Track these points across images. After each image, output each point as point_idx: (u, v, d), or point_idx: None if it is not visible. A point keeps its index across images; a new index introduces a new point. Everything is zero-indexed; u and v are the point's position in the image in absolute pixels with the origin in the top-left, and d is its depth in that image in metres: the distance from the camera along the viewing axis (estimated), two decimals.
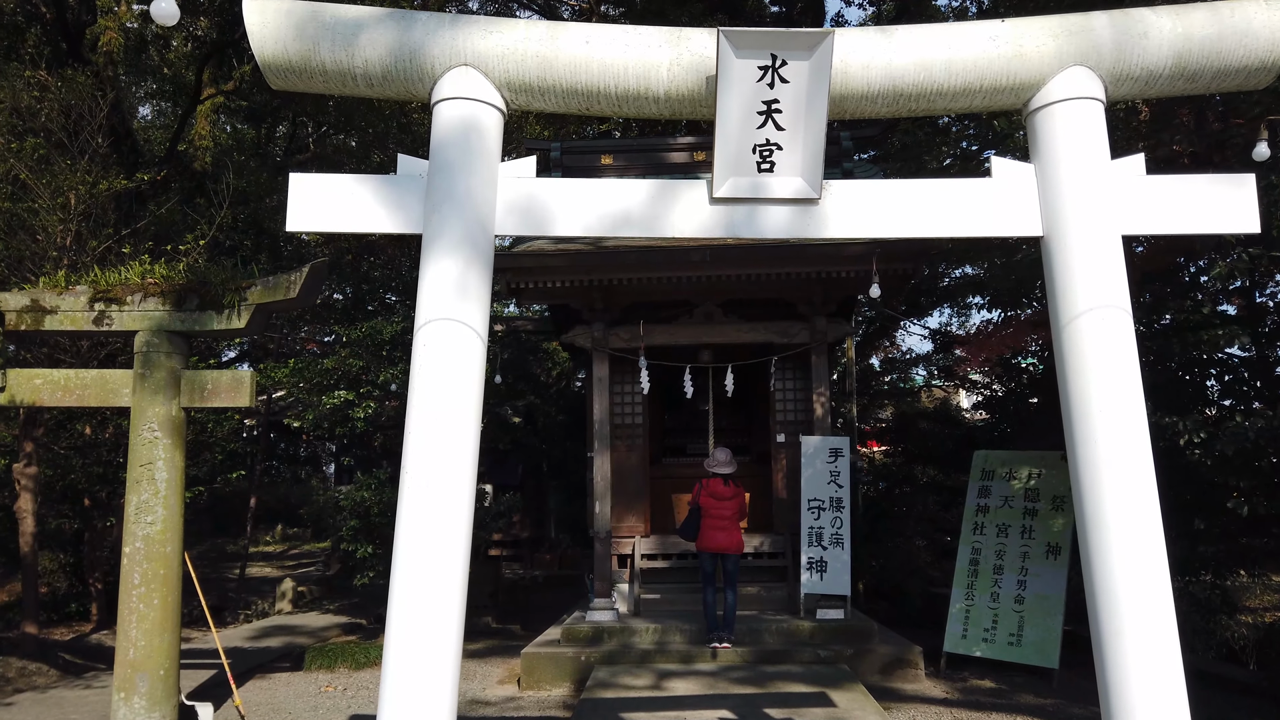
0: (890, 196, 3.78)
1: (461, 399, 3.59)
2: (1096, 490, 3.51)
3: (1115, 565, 3.47)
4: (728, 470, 8.44)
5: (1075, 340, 3.58)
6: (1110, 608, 3.46)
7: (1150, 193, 3.68)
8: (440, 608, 3.46)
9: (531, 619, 11.79)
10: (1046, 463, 8.65)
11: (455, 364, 3.59)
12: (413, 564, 3.44)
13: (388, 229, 3.78)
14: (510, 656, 9.43)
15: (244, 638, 11.23)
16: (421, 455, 3.53)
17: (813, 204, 3.76)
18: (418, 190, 3.77)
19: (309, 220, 3.78)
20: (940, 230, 3.77)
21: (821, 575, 8.81)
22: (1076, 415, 3.57)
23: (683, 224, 3.78)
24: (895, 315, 16.33)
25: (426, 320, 3.60)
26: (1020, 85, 3.70)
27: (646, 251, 8.73)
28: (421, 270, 3.67)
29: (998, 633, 8.44)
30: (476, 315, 3.65)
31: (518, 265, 8.71)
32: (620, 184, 3.83)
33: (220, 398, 6.85)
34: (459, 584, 3.54)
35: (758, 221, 3.77)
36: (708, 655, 8.17)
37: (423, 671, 3.38)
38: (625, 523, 9.83)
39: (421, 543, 3.47)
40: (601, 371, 9.31)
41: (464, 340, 3.60)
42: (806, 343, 9.25)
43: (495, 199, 3.78)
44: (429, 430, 3.55)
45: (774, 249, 8.73)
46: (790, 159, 3.72)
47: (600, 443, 9.26)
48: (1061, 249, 3.64)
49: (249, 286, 6.95)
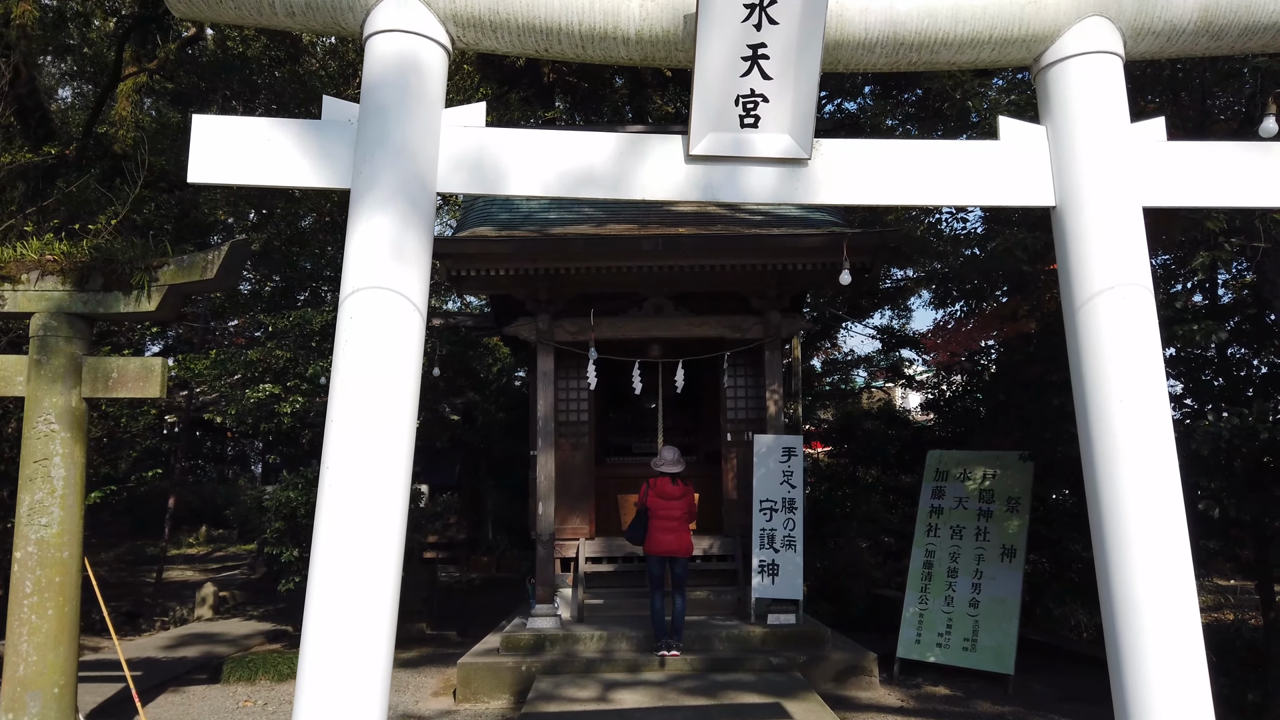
0: (887, 159, 3.31)
1: (395, 382, 3.01)
2: (1114, 490, 3.09)
3: (1136, 572, 3.06)
4: (675, 469, 7.94)
5: (1091, 322, 3.15)
6: (1130, 618, 3.05)
7: (1173, 160, 3.27)
8: (367, 625, 2.88)
9: (468, 624, 11.13)
10: (1001, 463, 8.34)
11: (388, 340, 3.00)
12: (334, 576, 2.86)
13: (310, 182, 3.18)
14: (446, 665, 8.78)
15: (159, 647, 10.35)
16: (346, 448, 2.94)
17: (801, 165, 3.27)
18: (346, 138, 3.17)
19: (215, 171, 3.16)
20: (943, 197, 3.31)
21: (773, 579, 8.37)
22: (1092, 405, 3.14)
23: (654, 184, 3.25)
24: (839, 316, 16.07)
25: (354, 289, 3.02)
26: (1033, 36, 3.26)
27: (595, 239, 8.20)
28: (349, 232, 3.08)
29: (952, 637, 8.09)
30: (414, 284, 3.07)
31: (459, 251, 8.08)
32: (584, 137, 3.28)
33: (127, 388, 6.13)
34: (389, 597, 2.97)
35: (740, 183, 3.26)
36: (656, 664, 7.65)
37: (343, 700, 2.79)
38: (569, 524, 9.25)
39: (345, 551, 2.88)
40: (546, 365, 8.72)
41: (398, 313, 3.02)
42: (760, 338, 8.80)
43: (438, 151, 3.21)
44: (355, 417, 2.96)
45: (728, 240, 8.28)
46: (777, 113, 3.22)
47: (544, 440, 8.68)
48: (1076, 221, 3.21)
49: (161, 266, 6.23)
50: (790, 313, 9.06)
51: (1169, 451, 3.07)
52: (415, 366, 3.09)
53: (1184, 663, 3.00)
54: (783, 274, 8.43)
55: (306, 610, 2.92)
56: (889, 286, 17.29)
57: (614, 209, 9.27)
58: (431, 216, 3.18)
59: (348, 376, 2.99)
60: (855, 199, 3.27)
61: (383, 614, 2.95)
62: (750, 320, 8.85)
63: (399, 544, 3.00)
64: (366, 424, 2.95)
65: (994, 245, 5.53)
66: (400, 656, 9.63)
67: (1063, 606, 10.24)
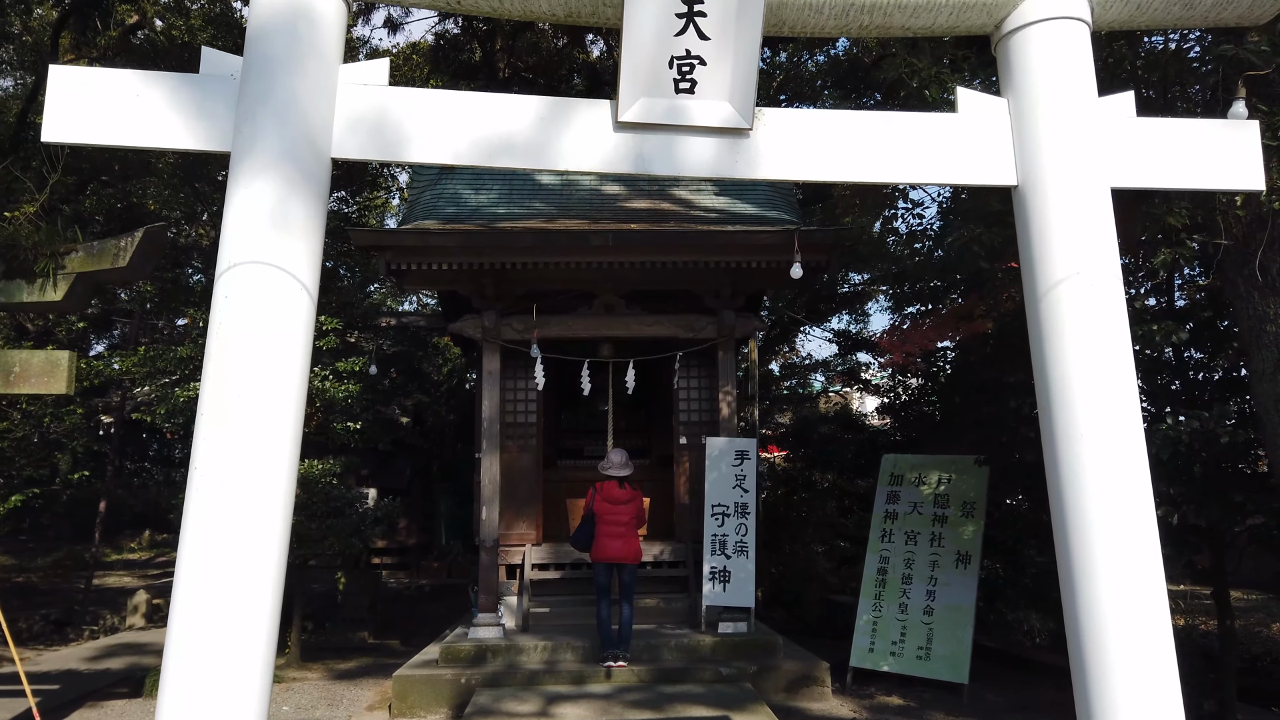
0: (836, 131, 2.97)
1: (278, 372, 2.61)
2: (1079, 496, 2.78)
3: (1102, 580, 2.75)
4: (624, 473, 7.57)
5: (1054, 312, 2.85)
6: (1095, 630, 2.77)
7: (1142, 138, 2.98)
8: (238, 656, 2.47)
9: (414, 633, 10.66)
10: (957, 467, 8.08)
11: (270, 323, 2.61)
12: (199, 604, 2.46)
13: (186, 144, 2.77)
14: (385, 677, 8.30)
15: (83, 658, 9.76)
16: (218, 449, 2.54)
17: (743, 136, 2.92)
18: (227, 94, 2.77)
19: (75, 129, 2.74)
20: (896, 174, 2.98)
21: (724, 586, 8.02)
22: (1056, 403, 2.83)
23: (580, 154, 2.88)
24: (798, 320, 15.83)
25: (231, 264, 2.62)
26: (993, 0, 2.95)
27: (544, 234, 7.81)
28: (227, 201, 2.68)
29: (906, 646, 7.81)
30: (303, 260, 2.67)
31: (398, 244, 7.66)
32: (501, 100, 2.91)
33: (30, 384, 5.64)
34: (266, 622, 2.56)
35: (675, 155, 2.91)
36: (602, 675, 7.26)
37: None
38: (515, 530, 8.84)
39: (213, 570, 2.49)
40: (492, 365, 8.31)
41: (283, 292, 2.63)
42: (713, 338, 8.46)
43: (333, 112, 2.82)
44: (230, 413, 2.56)
45: (681, 236, 7.94)
46: (716, 78, 2.87)
47: (489, 442, 8.26)
48: (1039, 202, 2.90)
49: (69, 252, 5.75)
50: (745, 313, 8.73)
51: (1139, 452, 2.77)
52: (303, 354, 2.70)
53: (1156, 682, 2.70)
54: (737, 272, 8.11)
55: (166, 641, 2.50)
56: (847, 291, 17.12)
57: (565, 205, 8.90)
58: (324, 185, 2.79)
59: (222, 365, 2.58)
60: (800, 174, 2.93)
61: (257, 644, 2.53)
62: (704, 320, 8.52)
63: (279, 559, 2.60)
64: (243, 421, 2.55)
65: (951, 240, 5.25)
66: (337, 667, 9.16)
67: (1016, 612, 10.03)
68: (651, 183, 9.44)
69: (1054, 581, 8.18)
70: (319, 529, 8.62)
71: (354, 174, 13.85)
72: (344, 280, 10.99)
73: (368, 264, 12.09)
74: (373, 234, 8.11)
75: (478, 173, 9.40)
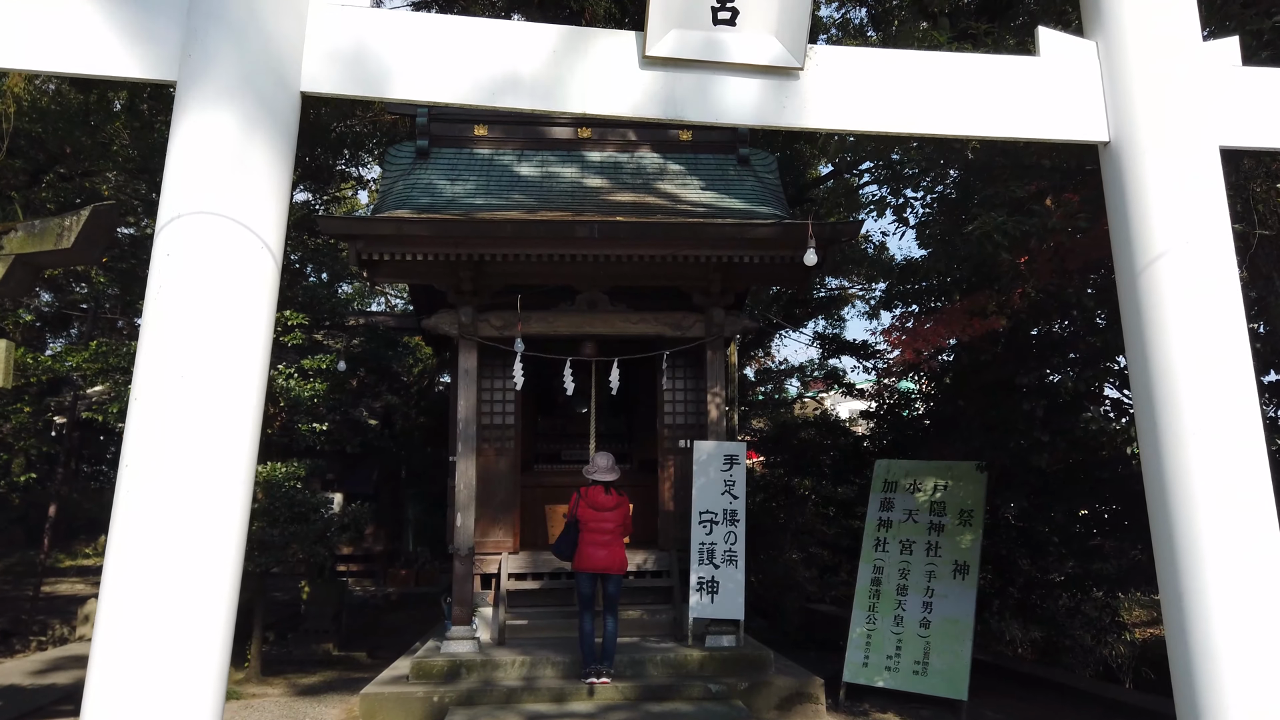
0: (900, 75, 2.50)
1: (233, 349, 2.08)
2: (1188, 510, 2.32)
3: (1215, 617, 2.28)
4: (609, 478, 7.05)
5: (1154, 290, 2.40)
6: (1208, 680, 2.26)
7: (1253, 90, 2.54)
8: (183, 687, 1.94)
9: (381, 644, 10.04)
10: (954, 473, 7.67)
11: (224, 288, 2.08)
12: (122, 652, 1.91)
13: (129, 72, 2.23)
14: (351, 693, 7.70)
15: (28, 672, 9.01)
16: (154, 440, 2.00)
17: (791, 78, 2.44)
18: (176, 13, 2.23)
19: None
20: (968, 127, 2.51)
21: (713, 597, 7.53)
22: (1158, 399, 2.38)
23: (599, 94, 2.38)
24: (775, 323, 15.43)
25: (175, 215, 2.08)
26: None
27: (526, 224, 7.29)
28: (171, 138, 2.14)
29: (901, 660, 7.37)
30: (265, 215, 2.15)
31: (370, 232, 7.08)
32: (506, 28, 2.40)
33: None
34: (216, 661, 2.02)
35: (712, 98, 2.42)
36: (584, 692, 6.73)
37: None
38: (491, 537, 8.27)
39: (144, 582, 1.94)
40: (468, 363, 7.75)
41: (240, 250, 2.10)
42: (701, 336, 7.98)
43: (302, 36, 2.29)
44: (170, 398, 2.02)
45: (670, 228, 7.45)
46: (763, 7, 2.39)
47: (465, 445, 7.70)
48: (1135, 161, 2.45)
49: (6, 232, 5.11)
50: (734, 311, 8.27)
51: (1258, 458, 2.32)
52: (265, 330, 2.17)
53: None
54: (728, 267, 7.65)
55: (88, 673, 1.96)
56: (824, 295, 16.77)
57: (546, 197, 8.39)
58: (293, 125, 2.26)
59: (160, 339, 2.04)
60: (859, 124, 2.45)
61: (208, 672, 2.01)
62: (692, 318, 8.03)
63: (230, 580, 2.06)
64: (187, 410, 2.01)
65: (970, 230, 4.83)
66: (300, 682, 8.52)
67: (1001, 622, 9.67)
68: (636, 176, 8.97)
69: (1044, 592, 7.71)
70: (281, 535, 7.99)
71: (320, 172, 13.19)
72: (310, 276, 10.35)
73: (337, 259, 11.47)
74: (343, 221, 7.55)
75: (454, 163, 8.87)
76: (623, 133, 9.31)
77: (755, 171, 9.11)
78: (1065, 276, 5.43)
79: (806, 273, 7.71)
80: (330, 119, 10.62)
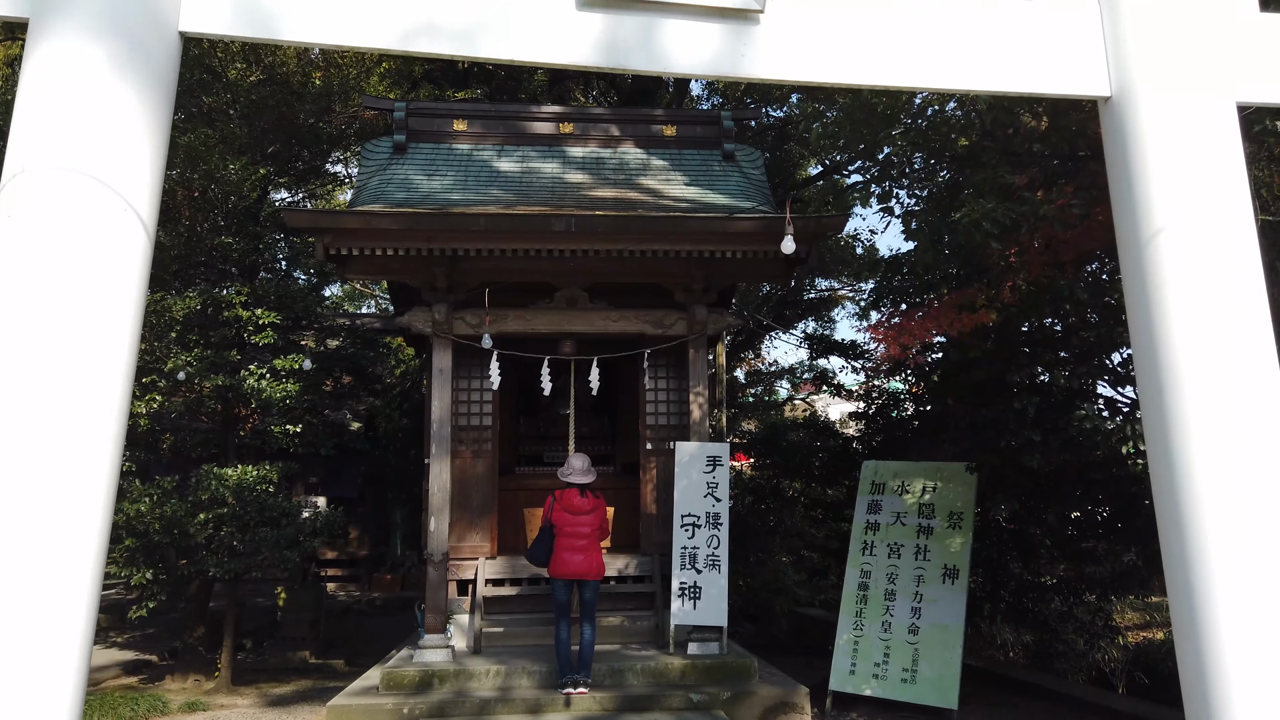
0: (874, 19, 2.18)
1: (91, 330, 1.75)
2: (1193, 506, 2.00)
3: (1222, 627, 1.96)
4: (585, 480, 6.72)
5: (1156, 268, 2.08)
6: (1215, 687, 1.95)
7: (1270, 39, 2.23)
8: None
9: (360, 651, 9.68)
10: (943, 475, 7.36)
11: (81, 257, 1.75)
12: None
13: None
14: (323, 703, 7.31)
15: None
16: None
17: (751, 21, 2.12)
18: None
19: None
20: (950, 79, 2.20)
21: (695, 603, 7.20)
22: (1167, 390, 2.06)
23: (531, 40, 2.06)
24: (764, 325, 15.13)
25: (20, 169, 1.75)
26: None
27: (501, 218, 6.97)
28: (21, 79, 1.82)
29: (890, 668, 7.03)
30: (138, 174, 1.82)
31: (338, 226, 6.76)
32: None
33: None
34: (74, 671, 1.69)
35: (660, 45, 2.10)
36: (560, 703, 6.39)
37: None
38: (467, 542, 7.93)
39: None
40: (443, 362, 7.42)
41: (103, 215, 1.77)
42: (684, 335, 7.66)
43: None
44: (11, 389, 1.69)
45: (650, 222, 7.14)
46: None
47: (439, 446, 7.37)
48: (1139, 119, 2.14)
49: None
50: (717, 308, 7.94)
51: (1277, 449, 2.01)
52: (132, 307, 1.84)
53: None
54: (710, 263, 7.33)
55: None
56: (813, 297, 16.48)
57: (525, 192, 8.07)
58: (171, 70, 1.93)
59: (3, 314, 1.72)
60: (828, 76, 2.13)
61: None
62: (674, 315, 7.71)
63: (89, 587, 1.74)
64: (25, 410, 1.68)
65: (960, 217, 4.52)
66: (272, 692, 8.17)
67: (992, 626, 9.35)
68: (619, 171, 8.66)
69: (1036, 596, 7.33)
70: (250, 541, 7.65)
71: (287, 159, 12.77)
72: (280, 272, 9.98)
73: (316, 259, 11.10)
74: (310, 215, 7.22)
75: (432, 158, 8.54)
76: (605, 128, 9.02)
77: (741, 167, 8.81)
78: (1057, 269, 5.13)
79: (790, 268, 7.41)
80: (308, 115, 10.28)
